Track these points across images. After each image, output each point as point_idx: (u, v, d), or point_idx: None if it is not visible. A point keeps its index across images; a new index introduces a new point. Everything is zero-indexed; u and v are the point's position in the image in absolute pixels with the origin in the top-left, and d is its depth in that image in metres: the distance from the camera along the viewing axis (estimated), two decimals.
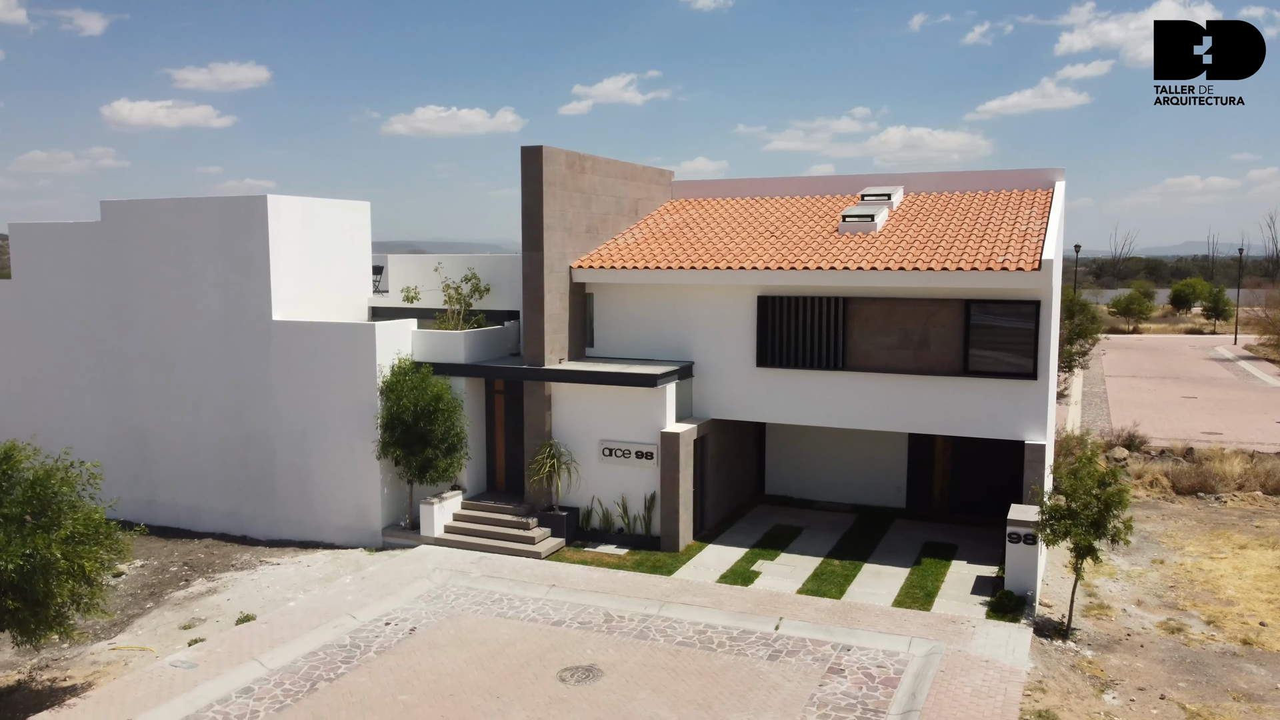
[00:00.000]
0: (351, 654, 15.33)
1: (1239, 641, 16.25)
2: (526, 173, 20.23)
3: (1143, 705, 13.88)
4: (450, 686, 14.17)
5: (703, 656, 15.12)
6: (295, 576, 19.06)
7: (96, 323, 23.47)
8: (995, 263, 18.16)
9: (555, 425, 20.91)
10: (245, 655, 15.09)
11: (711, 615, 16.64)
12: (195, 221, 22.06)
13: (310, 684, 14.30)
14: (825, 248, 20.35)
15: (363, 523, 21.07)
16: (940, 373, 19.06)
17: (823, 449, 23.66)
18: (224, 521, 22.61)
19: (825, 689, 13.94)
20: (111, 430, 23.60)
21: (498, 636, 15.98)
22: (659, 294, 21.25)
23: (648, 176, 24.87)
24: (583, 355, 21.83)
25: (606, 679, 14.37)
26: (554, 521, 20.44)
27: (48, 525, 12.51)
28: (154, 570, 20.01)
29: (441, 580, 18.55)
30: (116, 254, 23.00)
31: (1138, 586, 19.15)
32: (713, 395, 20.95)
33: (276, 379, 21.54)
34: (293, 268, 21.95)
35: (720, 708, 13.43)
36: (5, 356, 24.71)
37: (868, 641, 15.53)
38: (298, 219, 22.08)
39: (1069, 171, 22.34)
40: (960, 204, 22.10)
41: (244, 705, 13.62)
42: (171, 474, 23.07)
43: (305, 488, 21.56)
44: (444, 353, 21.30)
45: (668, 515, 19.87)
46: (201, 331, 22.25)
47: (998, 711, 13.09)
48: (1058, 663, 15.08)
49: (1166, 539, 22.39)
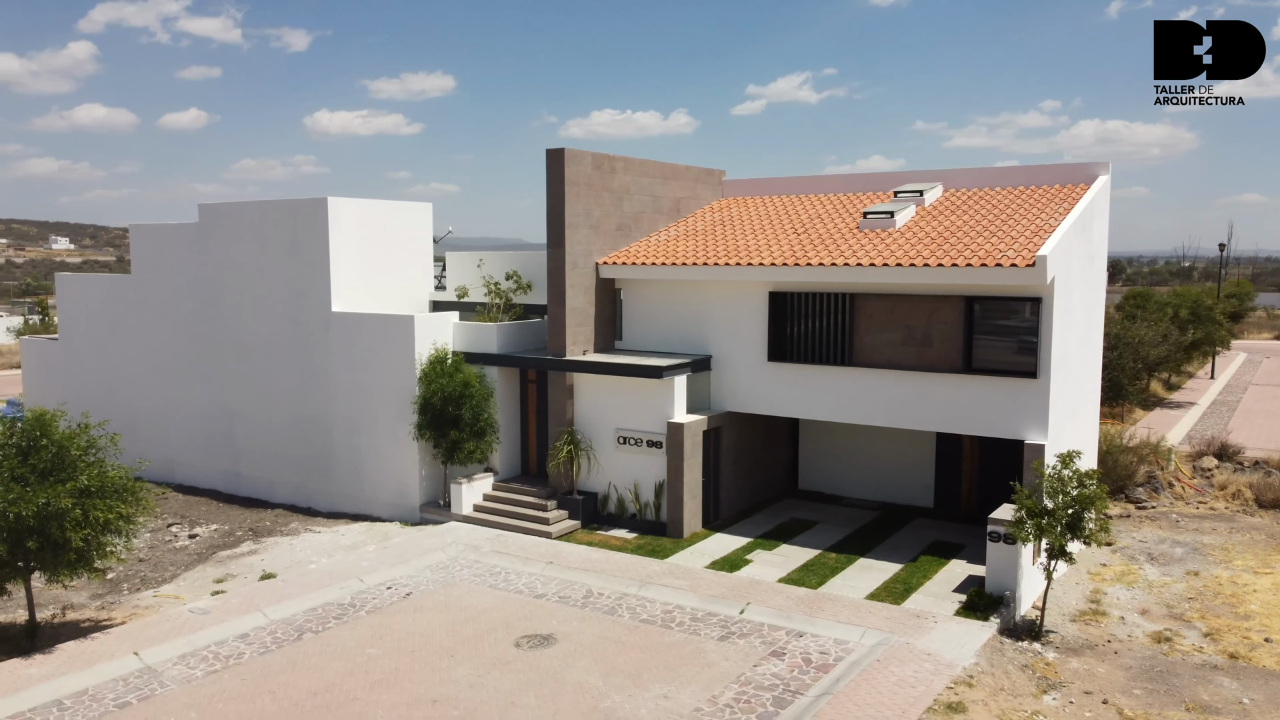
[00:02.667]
0: (345, 612, 16.92)
1: (1227, 655, 15.54)
2: (550, 174, 21.40)
3: (1080, 708, 13.64)
4: (416, 644, 15.49)
5: (657, 633, 15.84)
6: (327, 543, 20.95)
7: (194, 313, 26.29)
8: (990, 258, 17.95)
9: (577, 413, 21.99)
10: (253, 607, 16.94)
11: (684, 597, 17.30)
12: (270, 222, 24.42)
13: (298, 634, 15.95)
14: (837, 244, 20.53)
15: (404, 499, 22.81)
16: (943, 370, 18.95)
17: (853, 446, 23.73)
18: (293, 494, 24.90)
19: (758, 669, 14.41)
20: (206, 409, 26.38)
21: (479, 604, 17.21)
22: (680, 289, 21.98)
23: (693, 176, 25.56)
24: (611, 348, 22.81)
25: (557, 647, 15.33)
26: (572, 505, 21.53)
27: (65, 479, 14.58)
28: (222, 534, 22.37)
29: (454, 553, 19.98)
30: (210, 252, 25.71)
31: (1153, 595, 18.43)
32: (729, 388, 21.49)
33: (334, 365, 23.60)
34: (353, 263, 23.96)
35: (647, 678, 14.15)
36: (126, 343, 27.98)
37: (823, 630, 15.82)
38: (358, 219, 24.07)
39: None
40: (992, 200, 21.73)
41: (235, 647, 15.39)
42: (252, 449, 25.58)
43: (358, 465, 23.51)
44: (479, 344, 22.77)
45: (673, 502, 20.59)
46: (275, 321, 24.60)
47: (910, 701, 13.24)
48: (1008, 661, 14.93)
49: (1218, 552, 21.28)
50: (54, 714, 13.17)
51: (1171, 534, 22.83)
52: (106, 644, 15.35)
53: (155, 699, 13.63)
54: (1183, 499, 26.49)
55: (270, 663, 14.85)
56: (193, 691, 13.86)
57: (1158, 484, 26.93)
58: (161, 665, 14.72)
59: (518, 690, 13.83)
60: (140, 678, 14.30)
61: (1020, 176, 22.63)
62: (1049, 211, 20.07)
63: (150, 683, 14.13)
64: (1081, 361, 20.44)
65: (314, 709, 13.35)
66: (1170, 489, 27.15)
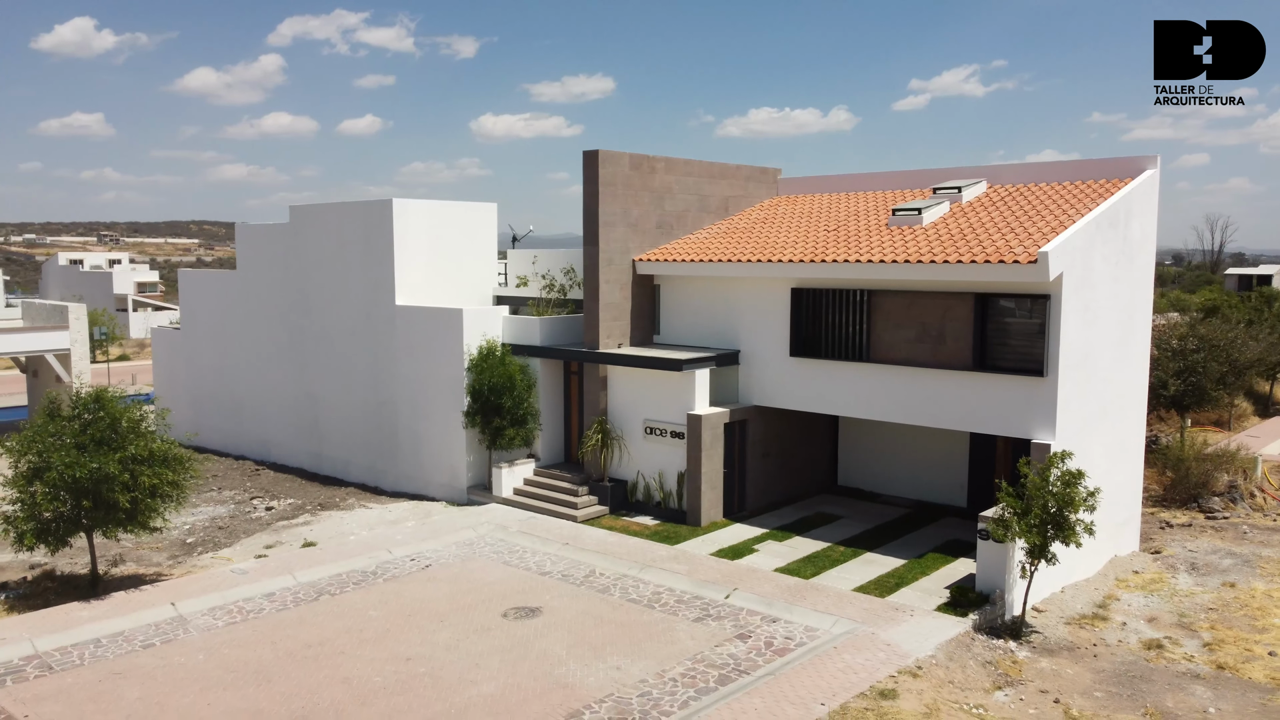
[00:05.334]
0: (365, 579, 18.48)
1: (1215, 666, 15.02)
2: (586, 174, 22.43)
3: (1027, 705, 13.59)
4: (414, 609, 16.85)
5: (639, 612, 16.63)
6: (373, 518, 22.69)
7: (287, 306, 28.73)
8: (994, 255, 17.80)
9: (610, 404, 22.95)
10: (286, 570, 18.73)
11: (678, 580, 17.99)
12: (348, 222, 26.48)
13: (317, 595, 17.59)
14: (859, 242, 20.69)
15: (454, 481, 24.36)
16: (955, 367, 18.87)
17: (892, 443, 23.71)
18: (365, 474, 26.91)
19: (719, 649, 14.99)
20: (295, 394, 28.78)
21: (487, 578, 18.44)
22: (712, 286, 22.60)
23: (744, 175, 26.05)
24: (650, 342, 23.64)
25: (540, 619, 16.35)
26: (602, 491, 22.51)
27: (116, 448, 16.66)
28: (294, 508, 24.49)
29: (484, 532, 21.31)
30: (299, 250, 28.07)
31: (1171, 604, 17.84)
32: (756, 382, 21.97)
33: (398, 355, 25.40)
34: (420, 260, 25.71)
35: (609, 651, 14.98)
36: (234, 333, 30.81)
37: (798, 617, 16.21)
38: (424, 219, 25.80)
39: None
40: (1031, 197, 21.32)
41: (259, 604, 17.16)
42: (332, 432, 27.78)
43: (418, 448, 25.24)
44: (524, 336, 24.05)
45: (692, 492, 21.26)
46: (351, 313, 26.65)
47: (846, 686, 13.56)
48: (972, 657, 14.94)
49: (1267, 565, 20.29)
50: (90, 650, 15.17)
51: (1230, 545, 21.78)
52: (152, 595, 17.41)
53: (176, 642, 15.46)
54: (1262, 510, 25.07)
55: (283, 619, 16.51)
56: (209, 638, 15.63)
57: (1238, 494, 25.57)
58: (192, 615, 16.61)
59: (486, 654, 14.93)
60: (171, 624, 16.20)
61: (1067, 171, 22.09)
62: (1078, 208, 19.61)
63: (177, 629, 16.01)
64: (1115, 362, 19.84)
65: (304, 659, 14.84)
66: (1252, 499, 25.72)
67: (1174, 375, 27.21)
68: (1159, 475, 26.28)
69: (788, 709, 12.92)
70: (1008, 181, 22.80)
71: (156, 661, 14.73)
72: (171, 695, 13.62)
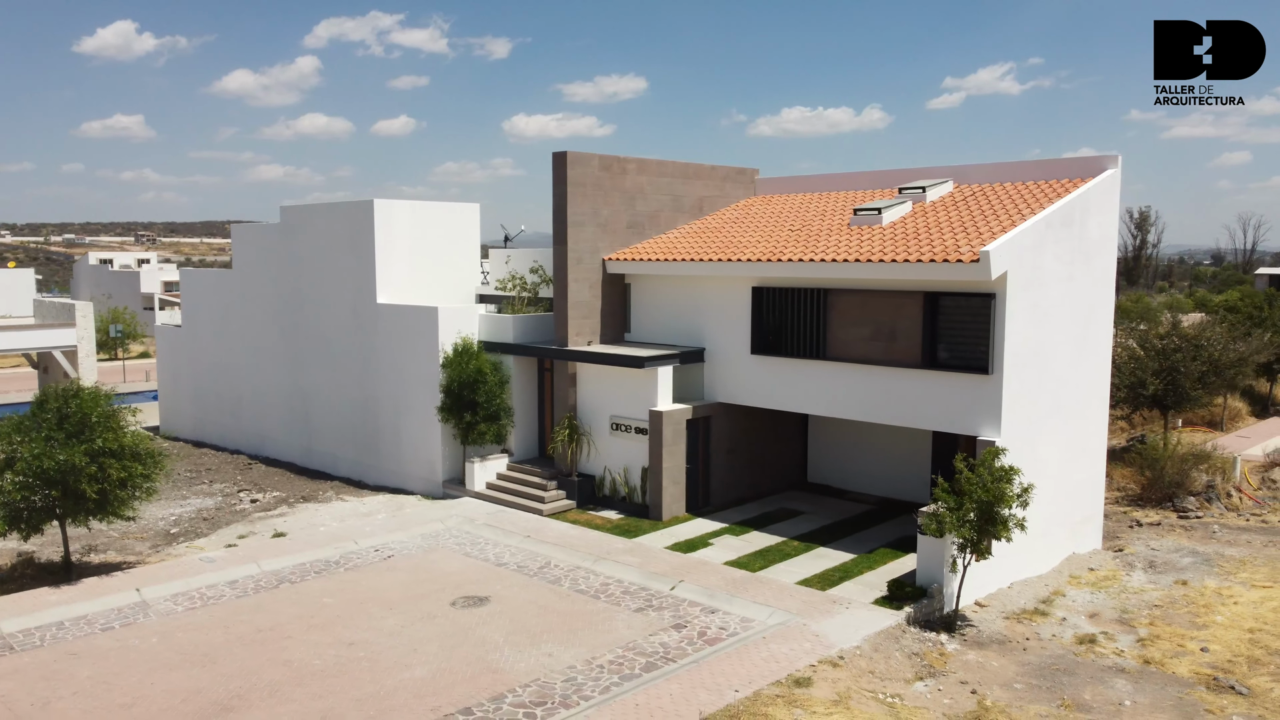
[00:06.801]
0: (328, 568, 19.08)
1: (1142, 661, 15.18)
2: (556, 175, 22.90)
3: (944, 695, 13.86)
4: (367, 597, 17.40)
5: (584, 602, 17.06)
6: (346, 510, 23.32)
7: (280, 304, 29.48)
8: (939, 255, 18.03)
9: (580, 401, 23.41)
10: (252, 559, 19.38)
11: (628, 572, 18.40)
12: (334, 222, 27.16)
13: (278, 583, 18.21)
14: (816, 241, 20.98)
15: (431, 475, 24.93)
16: (906, 365, 19.12)
17: (858, 441, 23.95)
18: (351, 469, 27.57)
19: (652, 638, 15.39)
20: (288, 390, 29.53)
21: (445, 568, 18.96)
22: (679, 285, 22.98)
23: (720, 175, 26.39)
24: (621, 340, 24.06)
25: (486, 608, 16.84)
26: (570, 486, 22.97)
27: (86, 441, 17.37)
28: (277, 500, 25.19)
29: (451, 525, 21.84)
30: (290, 249, 28.80)
31: (1117, 601, 17.98)
32: (720, 380, 22.32)
33: (381, 352, 26.03)
34: (402, 259, 26.32)
35: (545, 638, 15.43)
36: (232, 331, 31.63)
37: (737, 609, 16.57)
38: (406, 219, 26.41)
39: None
40: (993, 196, 21.48)
41: (221, 591, 17.80)
42: (322, 428, 28.48)
43: (398, 443, 25.85)
44: (498, 334, 24.57)
45: (653, 487, 21.66)
46: (340, 312, 27.32)
47: (765, 674, 13.91)
48: (899, 649, 15.21)
49: (1232, 564, 20.30)
50: (52, 632, 15.87)
51: (1196, 544, 21.81)
52: (121, 581, 18.12)
53: (134, 626, 16.13)
54: (1237, 510, 25.00)
55: (241, 605, 17.13)
56: (166, 622, 16.28)
57: (1214, 494, 25.51)
58: (155, 601, 17.28)
59: (426, 640, 15.44)
60: (133, 609, 16.88)
61: (1033, 171, 22.19)
62: (1035, 208, 19.76)
63: (139, 614, 16.68)
64: (1072, 361, 19.97)
65: (252, 642, 15.44)
66: (1228, 499, 25.65)
67: (1153, 374, 27.17)
68: (1137, 475, 26.30)
69: (701, 694, 13.30)
70: (975, 181, 22.96)
71: (112, 644, 15.39)
72: (120, 674, 14.26)
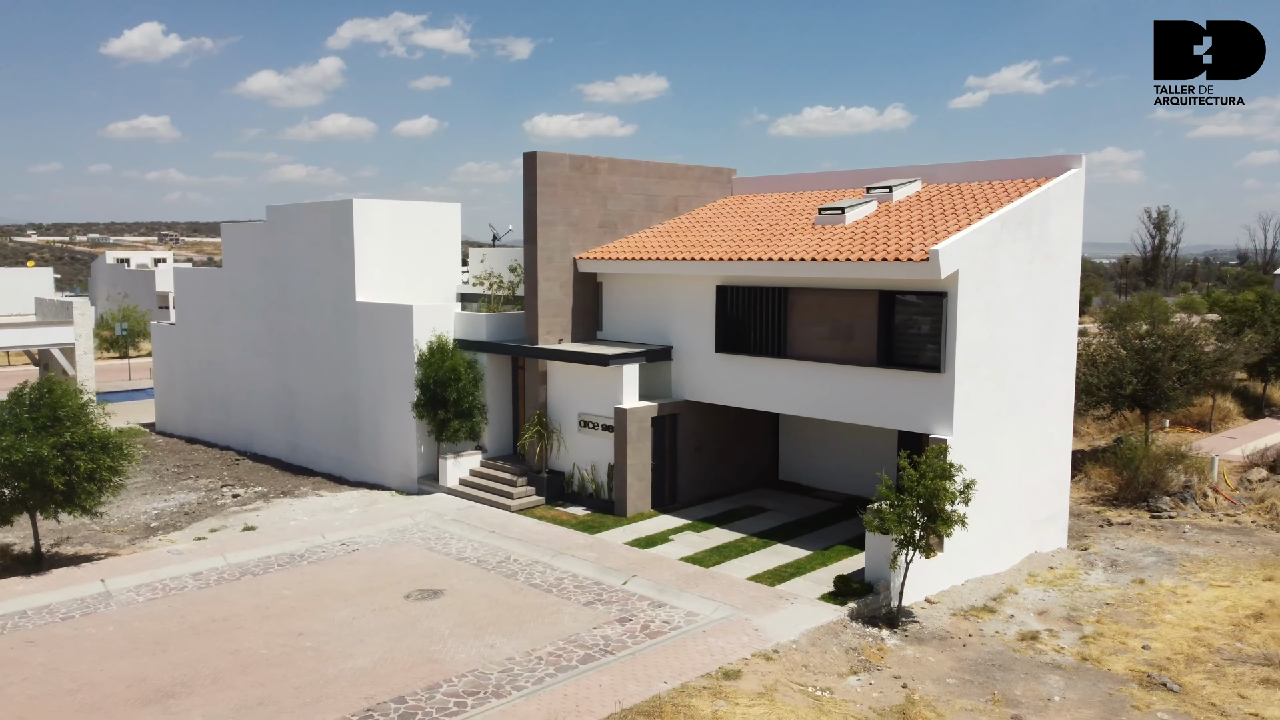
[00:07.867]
0: (291, 561, 19.44)
1: (1080, 658, 15.28)
2: (526, 175, 23.18)
3: (875, 689, 14.02)
4: (325, 590, 17.74)
5: (535, 595, 17.33)
6: (319, 505, 23.70)
7: (267, 302, 29.93)
8: (891, 254, 18.17)
9: (550, 398, 23.68)
10: (219, 552, 19.77)
11: (585, 567, 18.65)
12: (317, 222, 27.56)
13: (240, 575, 18.59)
14: (778, 241, 21.14)
15: (407, 471, 25.28)
16: (863, 363, 19.27)
17: (827, 438, 24.09)
18: (333, 464, 27.97)
19: (595, 631, 15.63)
20: (275, 387, 29.98)
21: (406, 562, 19.28)
22: (648, 283, 23.20)
23: (695, 175, 26.58)
24: (592, 338, 24.31)
25: (438, 600, 17.13)
26: (540, 482, 23.25)
27: (55, 434, 17.80)
28: (258, 495, 25.61)
29: (420, 520, 22.16)
30: (276, 248, 29.24)
31: (1069, 599, 18.06)
32: (686, 378, 22.53)
33: (360, 349, 26.41)
34: (381, 259, 26.68)
35: (490, 630, 15.70)
36: (223, 329, 32.13)
37: (684, 603, 16.78)
38: (386, 219, 26.77)
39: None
40: (959, 196, 21.56)
41: (184, 582, 18.20)
42: (306, 424, 28.90)
43: (377, 439, 26.22)
44: (472, 332, 24.88)
45: (618, 483, 21.90)
46: (323, 310, 27.73)
47: (697, 666, 14.12)
48: (838, 644, 15.37)
49: (1195, 564, 20.32)
50: (14, 620, 16.31)
51: (1163, 544, 21.82)
52: (88, 572, 18.55)
53: (93, 615, 16.53)
54: (1211, 510, 24.93)
55: (201, 596, 17.52)
56: (125, 612, 16.68)
57: (1190, 494, 25.45)
58: (119, 591, 17.69)
59: (375, 631, 15.75)
60: (95, 599, 17.30)
61: (999, 171, 22.26)
62: (994, 207, 19.84)
63: (100, 604, 17.09)
64: (1032, 361, 20.03)
65: (204, 632, 15.80)
66: (1204, 500, 25.58)
67: (1132, 374, 27.12)
68: (1114, 475, 26.27)
69: (630, 685, 13.52)
70: (943, 181, 23.05)
71: (69, 632, 15.80)
72: (72, 661, 14.66)
